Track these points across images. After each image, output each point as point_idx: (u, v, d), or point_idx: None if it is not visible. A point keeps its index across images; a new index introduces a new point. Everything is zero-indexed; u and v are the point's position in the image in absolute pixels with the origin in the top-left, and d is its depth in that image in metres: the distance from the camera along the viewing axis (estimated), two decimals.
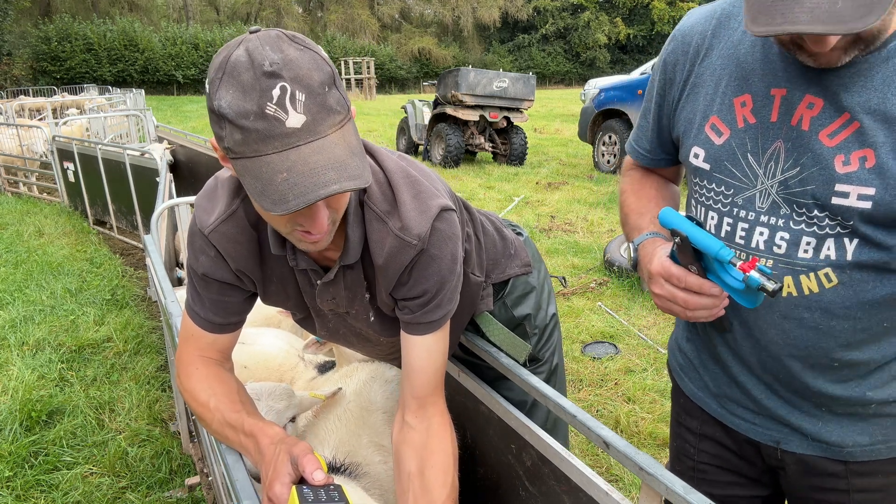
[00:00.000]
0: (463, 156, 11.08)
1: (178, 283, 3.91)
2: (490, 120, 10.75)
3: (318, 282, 1.26)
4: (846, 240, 1.02)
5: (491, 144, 11.48)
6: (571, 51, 51.79)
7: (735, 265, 0.98)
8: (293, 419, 1.68)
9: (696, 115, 1.16)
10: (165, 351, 3.81)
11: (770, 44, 1.04)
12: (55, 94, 22.27)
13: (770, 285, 0.94)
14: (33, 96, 21.58)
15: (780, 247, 1.07)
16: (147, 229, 5.92)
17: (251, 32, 0.95)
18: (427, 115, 11.71)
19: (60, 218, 7.38)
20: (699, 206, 1.19)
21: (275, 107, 0.89)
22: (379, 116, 20.34)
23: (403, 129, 12.63)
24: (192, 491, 2.74)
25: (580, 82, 45.33)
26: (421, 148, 12.02)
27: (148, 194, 5.57)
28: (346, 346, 1.54)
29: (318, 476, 1.09)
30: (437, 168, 10.87)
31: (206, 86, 0.95)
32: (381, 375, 1.91)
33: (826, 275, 1.05)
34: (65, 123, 8.75)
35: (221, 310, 1.31)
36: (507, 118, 11.02)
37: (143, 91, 16.37)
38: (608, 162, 10.30)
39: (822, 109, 0.99)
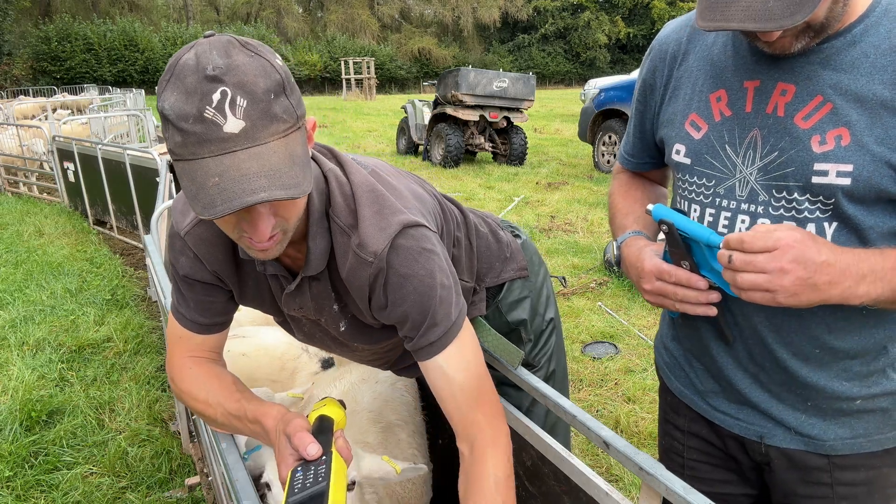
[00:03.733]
0: (463, 156, 11.08)
1: None
2: (490, 120, 10.74)
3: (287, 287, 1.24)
4: (826, 224, 1.06)
5: (491, 144, 11.47)
6: (571, 51, 51.79)
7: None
8: None
9: (676, 115, 1.22)
10: (165, 351, 3.81)
11: (740, 41, 1.12)
12: (55, 93, 22.27)
13: None
14: (33, 96, 21.57)
15: None
16: (147, 229, 5.92)
17: (205, 37, 0.95)
18: (427, 115, 11.70)
19: (60, 218, 7.38)
20: (683, 201, 1.24)
21: (213, 111, 0.89)
22: (379, 116, 20.34)
23: (403, 129, 12.63)
24: (192, 491, 2.74)
25: (580, 82, 45.32)
26: (421, 148, 12.02)
27: (148, 194, 5.57)
28: (325, 349, 1.52)
29: (312, 451, 1.08)
30: (437, 168, 10.86)
31: (157, 87, 0.95)
32: (372, 377, 1.92)
33: None
34: (64, 123, 8.75)
35: (206, 311, 1.30)
36: (507, 118, 11.02)
37: (143, 91, 16.36)
38: (608, 162, 10.30)
39: (794, 95, 1.05)
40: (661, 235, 1.21)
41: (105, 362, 3.92)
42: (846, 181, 1.01)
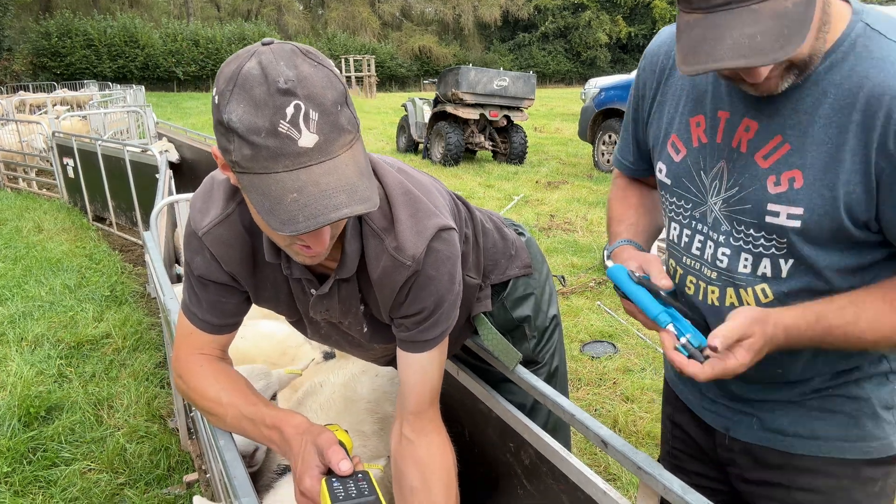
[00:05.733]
0: (463, 154, 11.07)
1: (177, 279, 3.90)
2: (490, 118, 10.74)
3: (313, 291, 1.24)
4: (781, 261, 1.07)
5: (491, 143, 11.47)
6: (572, 50, 51.74)
7: (669, 329, 1.08)
8: (274, 396, 1.73)
9: (661, 131, 1.23)
10: (164, 348, 3.81)
11: None
12: (55, 89, 22.25)
13: (697, 356, 1.05)
14: (34, 92, 21.55)
15: (722, 261, 1.14)
16: (146, 226, 5.92)
17: (264, 44, 0.93)
18: (427, 113, 11.70)
19: (60, 214, 7.37)
20: (667, 218, 1.27)
21: (288, 125, 0.87)
22: (379, 114, 20.33)
23: (403, 126, 12.63)
24: (191, 488, 2.74)
25: (580, 81, 45.28)
26: (421, 146, 12.01)
27: (147, 191, 5.57)
28: (338, 349, 1.54)
29: (344, 467, 1.09)
30: (437, 167, 10.85)
31: (215, 97, 0.92)
32: (371, 370, 1.94)
33: (763, 290, 1.11)
34: (64, 119, 8.74)
35: (219, 311, 1.30)
36: (507, 117, 11.01)
37: (143, 87, 16.32)
38: (608, 161, 10.29)
39: (756, 132, 1.05)
40: (654, 249, 1.24)
41: (104, 358, 3.92)
42: (796, 223, 1.02)
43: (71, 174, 7.30)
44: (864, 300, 1.01)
